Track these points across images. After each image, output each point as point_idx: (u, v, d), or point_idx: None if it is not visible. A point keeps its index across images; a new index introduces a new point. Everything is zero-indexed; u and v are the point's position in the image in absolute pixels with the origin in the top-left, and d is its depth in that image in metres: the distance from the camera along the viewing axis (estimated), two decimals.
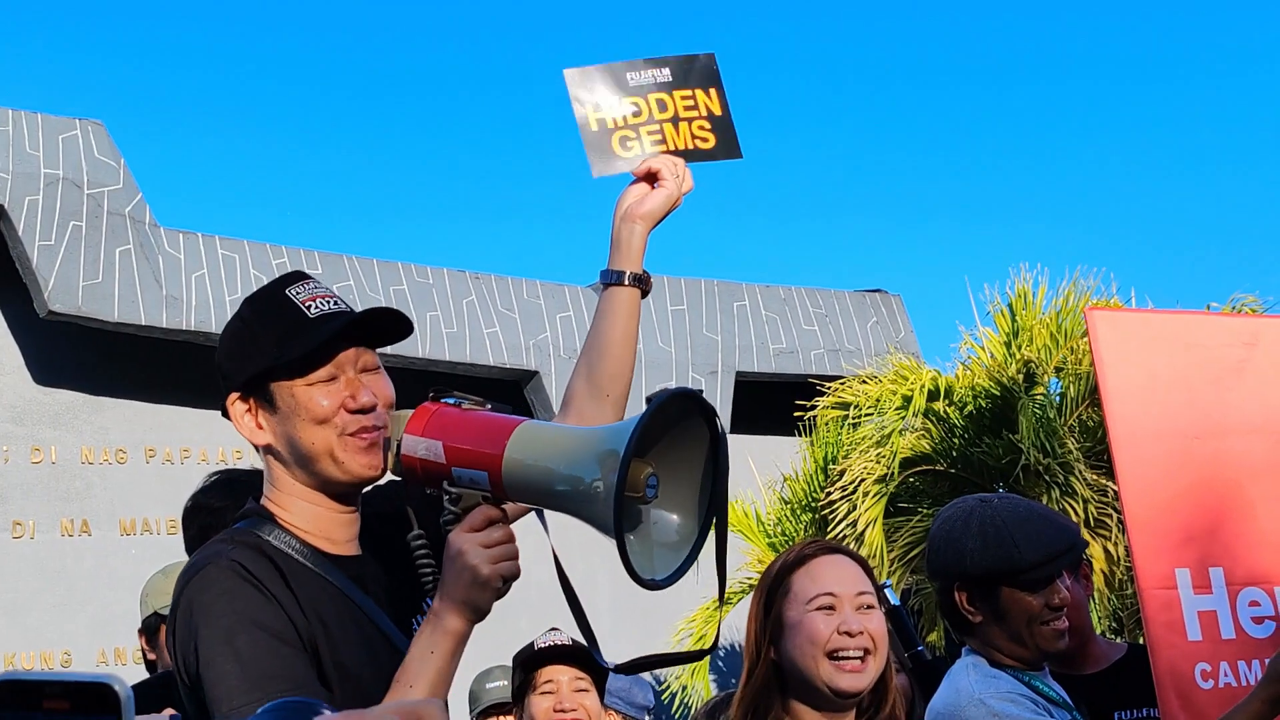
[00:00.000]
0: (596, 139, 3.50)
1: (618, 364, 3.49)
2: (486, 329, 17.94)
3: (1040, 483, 13.20)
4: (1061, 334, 14.12)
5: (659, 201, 3.41)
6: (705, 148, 3.56)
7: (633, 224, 3.40)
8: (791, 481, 15.40)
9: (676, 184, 3.44)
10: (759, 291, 20.42)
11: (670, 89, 3.54)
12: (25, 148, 15.43)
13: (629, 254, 3.39)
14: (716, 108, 3.56)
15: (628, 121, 3.51)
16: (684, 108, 3.54)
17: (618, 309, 3.40)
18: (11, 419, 16.13)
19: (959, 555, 4.13)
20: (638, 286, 3.41)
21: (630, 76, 3.53)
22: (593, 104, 3.51)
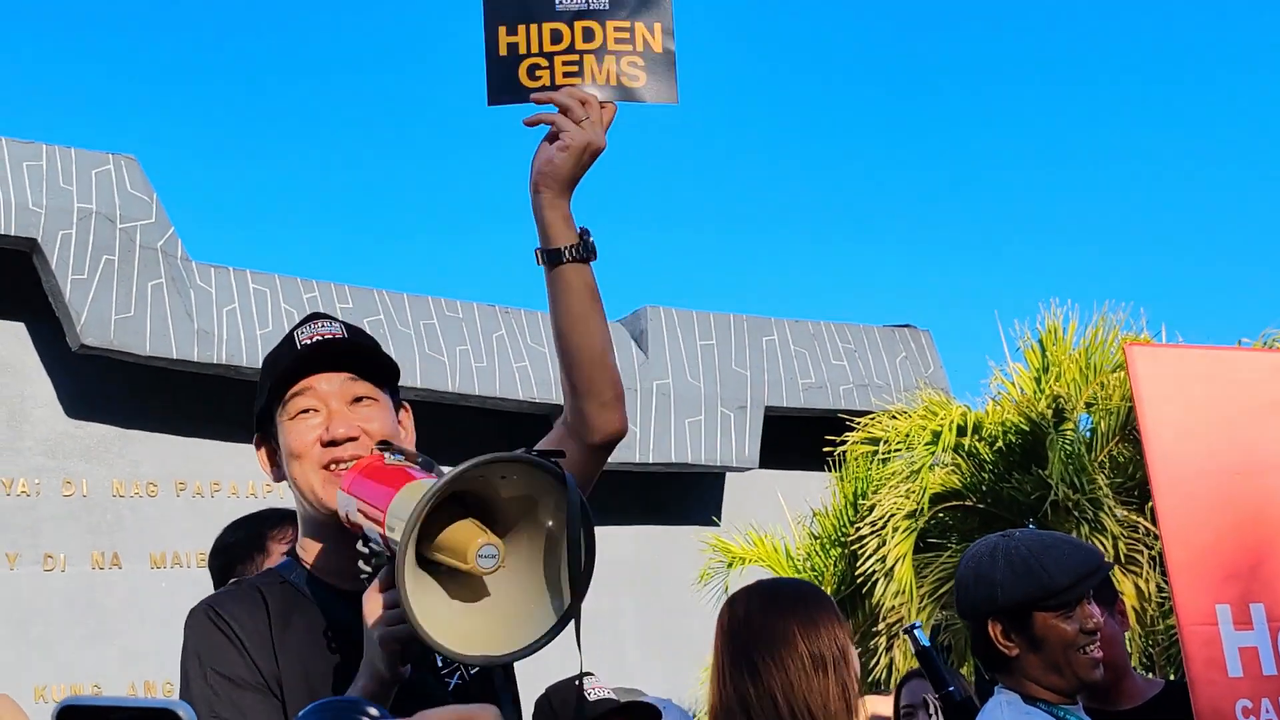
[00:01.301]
0: (501, 64, 3.05)
1: (583, 352, 2.94)
2: (516, 363, 17.96)
3: (1070, 518, 13.14)
4: (1091, 369, 14.07)
5: (563, 163, 2.92)
6: (633, 85, 3.02)
7: (540, 195, 2.97)
8: (821, 516, 15.36)
9: (583, 132, 2.92)
10: (788, 326, 20.42)
11: (604, 17, 3.04)
12: (59, 182, 15.52)
13: (550, 228, 2.96)
14: (657, 44, 3.03)
15: (543, 49, 3.04)
16: (615, 39, 3.03)
17: (563, 290, 2.95)
18: (44, 452, 16.18)
19: (989, 588, 4.13)
20: (577, 260, 2.97)
21: (560, 1, 3.06)
22: (507, 25, 3.06)
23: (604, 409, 2.95)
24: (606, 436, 2.97)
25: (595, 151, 2.94)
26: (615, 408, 2.98)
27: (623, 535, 19.57)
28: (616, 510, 19.40)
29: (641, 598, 19.43)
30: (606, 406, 2.95)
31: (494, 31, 3.06)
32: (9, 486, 15.92)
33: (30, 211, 15.30)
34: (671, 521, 19.87)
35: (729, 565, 15.53)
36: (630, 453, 18.55)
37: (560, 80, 3.01)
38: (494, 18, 3.07)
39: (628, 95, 3.02)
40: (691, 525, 19.33)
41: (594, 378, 2.93)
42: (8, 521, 15.80)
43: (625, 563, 19.49)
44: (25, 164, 15.46)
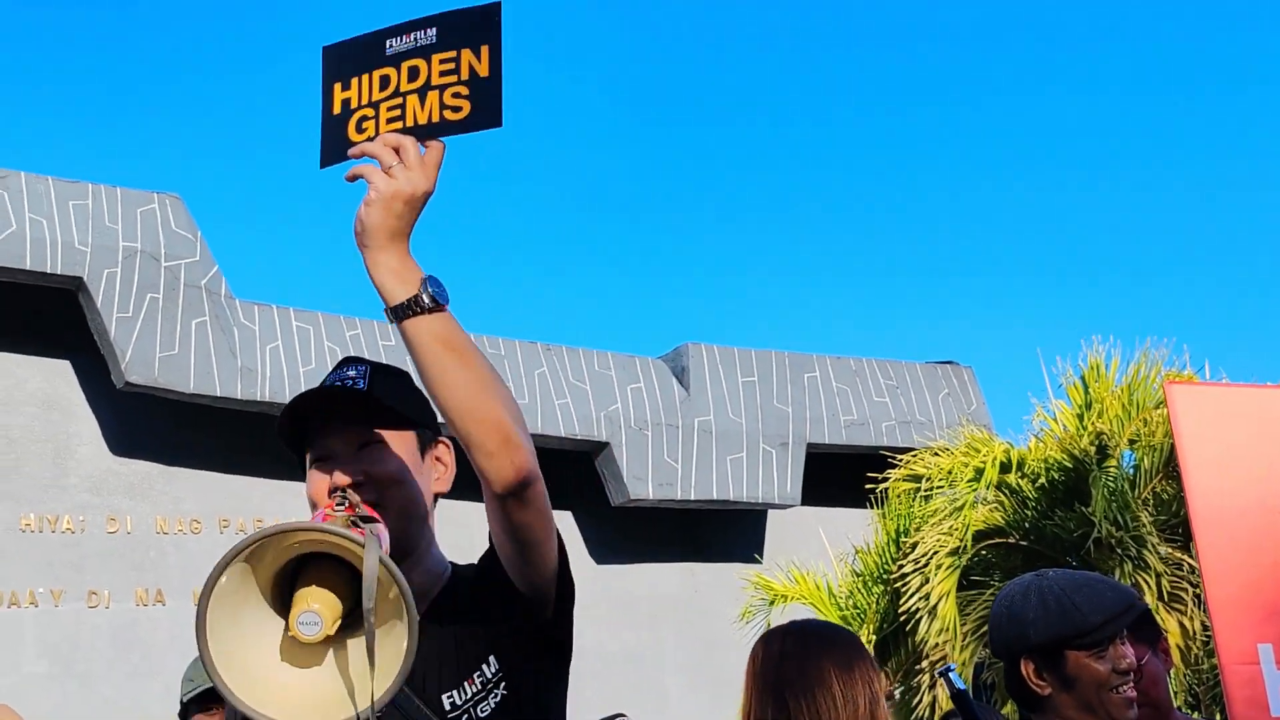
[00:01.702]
0: (334, 123, 2.90)
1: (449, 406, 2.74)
2: (558, 400, 18.00)
3: (1113, 556, 13.08)
4: (1134, 406, 14.02)
5: (370, 217, 2.70)
6: (455, 118, 2.82)
7: (363, 254, 2.75)
8: (863, 554, 15.32)
9: (390, 180, 2.72)
10: (830, 363, 20.41)
11: (430, 52, 2.86)
12: (104, 221, 15.65)
13: (381, 288, 2.73)
14: (483, 68, 2.82)
15: (373, 97, 2.88)
16: (440, 73, 2.84)
17: (413, 346, 2.74)
18: (89, 489, 16.28)
19: (1021, 627, 4.13)
20: (423, 312, 2.73)
21: (390, 43, 2.89)
22: (342, 81, 2.91)
23: (490, 459, 2.74)
24: (504, 486, 2.76)
25: (410, 198, 2.72)
26: (502, 456, 2.74)
27: (665, 572, 19.57)
28: (659, 546, 19.40)
29: (684, 634, 19.41)
30: (493, 456, 2.74)
31: (329, 90, 2.93)
32: (54, 523, 16.01)
33: (76, 250, 15.42)
34: (714, 558, 19.85)
35: (771, 602, 15.51)
36: (672, 490, 18.55)
37: (384, 128, 2.85)
38: (330, 77, 2.94)
39: (449, 129, 2.82)
40: (734, 562, 19.31)
41: (469, 430, 2.74)
42: (52, 558, 15.88)
43: (668, 599, 19.48)
44: (71, 203, 15.59)
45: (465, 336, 2.78)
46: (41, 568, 15.81)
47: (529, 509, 2.79)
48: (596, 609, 18.70)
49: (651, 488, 18.46)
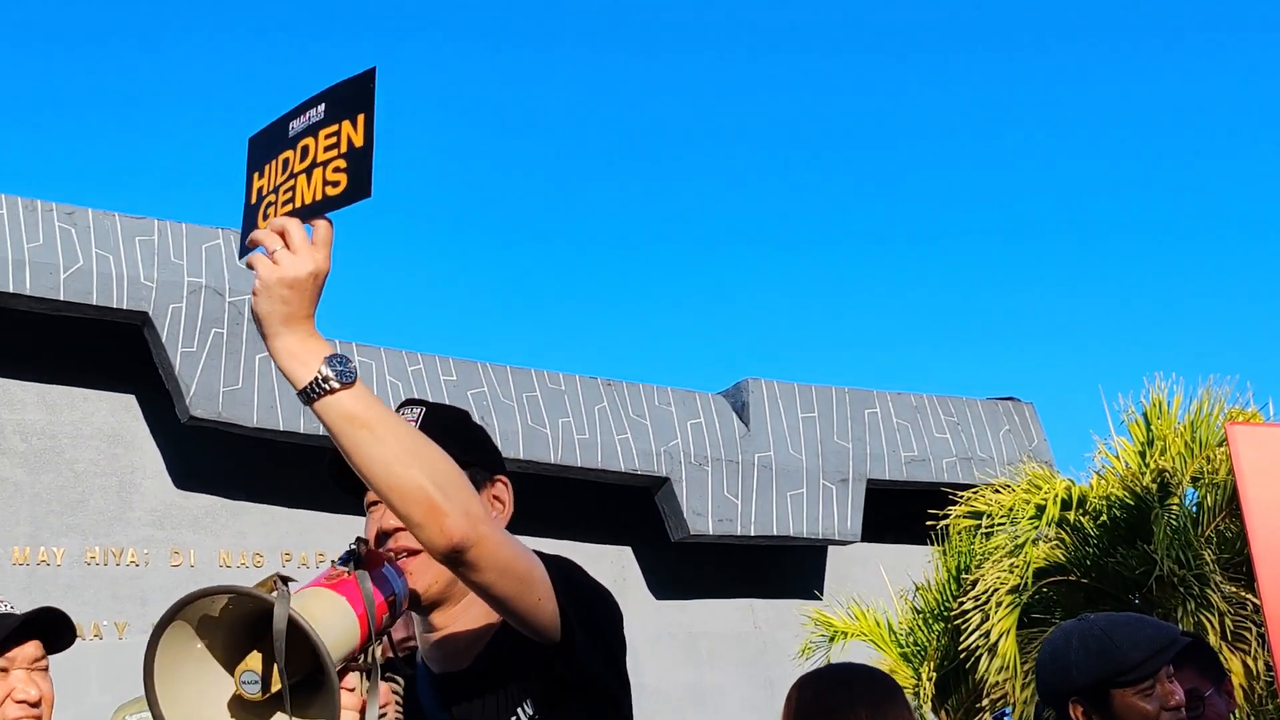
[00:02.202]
0: (251, 213, 2.87)
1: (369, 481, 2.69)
2: (618, 435, 18.02)
3: (1176, 594, 13.01)
4: (1197, 443, 13.94)
5: (259, 306, 2.67)
6: (335, 193, 2.73)
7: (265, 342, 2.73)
8: (924, 591, 15.28)
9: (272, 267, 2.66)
10: (890, 399, 20.37)
11: (319, 129, 2.79)
12: (170, 256, 15.79)
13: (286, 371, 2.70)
14: (359, 138, 2.73)
15: (275, 182, 2.83)
16: (325, 148, 2.77)
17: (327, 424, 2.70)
18: (153, 523, 16.40)
19: (1065, 670, 4.15)
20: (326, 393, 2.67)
21: (292, 125, 2.84)
22: (258, 170, 2.88)
23: (420, 529, 2.68)
24: (441, 554, 2.71)
25: (295, 281, 2.66)
26: (430, 525, 2.67)
27: (725, 608, 19.55)
28: (719, 582, 19.39)
29: (744, 670, 19.37)
30: (421, 527, 2.67)
31: (250, 180, 2.89)
32: (118, 556, 16.14)
33: (141, 285, 15.57)
34: (774, 594, 19.81)
35: (831, 639, 15.48)
36: (732, 525, 18.54)
37: (280, 212, 2.78)
38: (251, 167, 2.91)
39: (327, 205, 2.73)
40: (794, 598, 19.27)
41: (392, 503, 2.69)
42: (117, 591, 16.00)
43: (728, 635, 19.44)
44: (137, 238, 15.74)
45: (377, 410, 2.71)
46: (106, 600, 15.93)
47: (480, 571, 2.74)
48: (656, 644, 18.69)
49: (711, 523, 18.45)
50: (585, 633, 2.91)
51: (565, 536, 17.69)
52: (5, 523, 15.86)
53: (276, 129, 2.89)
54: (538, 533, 17.49)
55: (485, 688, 3.01)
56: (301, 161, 2.79)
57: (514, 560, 2.78)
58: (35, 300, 15.27)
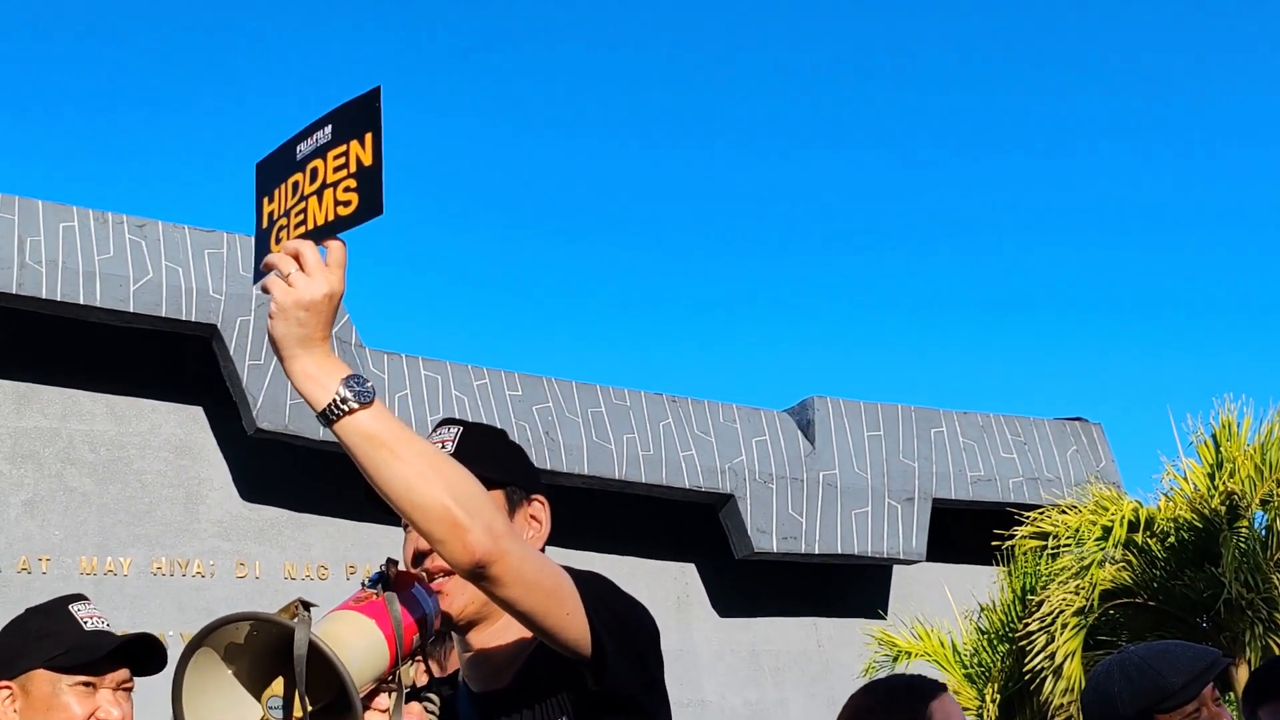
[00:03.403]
0: (264, 239, 2.87)
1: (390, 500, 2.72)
2: (683, 452, 18.00)
3: (1244, 618, 12.91)
4: (1267, 466, 13.83)
5: (275, 329, 2.69)
6: (346, 213, 2.74)
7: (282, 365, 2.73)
8: (989, 611, 15.20)
9: (287, 290, 2.66)
10: (957, 418, 20.28)
11: (326, 150, 2.81)
12: (239, 269, 15.89)
13: (305, 396, 2.72)
14: (367, 156, 2.75)
15: (286, 205, 2.85)
16: (334, 169, 2.78)
17: (344, 446, 2.74)
18: (219, 534, 16.49)
19: (1109, 702, 4.14)
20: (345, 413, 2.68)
21: (300, 148, 2.86)
22: (268, 196, 2.90)
23: (442, 546, 2.68)
24: (464, 570, 2.71)
25: (311, 303, 2.66)
26: (452, 541, 2.67)
27: (789, 626, 19.49)
28: (782, 600, 19.34)
29: (807, 689, 19.30)
30: (443, 544, 2.68)
31: (260, 206, 2.91)
32: (184, 567, 16.24)
33: (211, 298, 15.67)
34: (838, 613, 19.74)
35: (895, 659, 15.42)
36: (796, 543, 18.49)
37: (292, 235, 2.78)
38: (260, 192, 2.92)
39: (340, 225, 2.74)
40: (858, 617, 19.20)
41: (414, 521, 2.71)
42: (183, 602, 16.09)
43: (791, 654, 19.39)
44: (206, 251, 15.86)
45: (396, 429, 2.72)
46: (172, 611, 16.03)
47: (505, 586, 2.74)
48: (719, 662, 18.65)
49: (776, 541, 18.41)
50: (616, 646, 2.90)
51: (628, 553, 17.70)
52: (73, 532, 15.98)
53: (284, 153, 2.90)
54: (600, 549, 17.49)
55: (523, 705, 3.01)
56: (311, 183, 2.80)
57: (539, 575, 2.78)
58: (105, 312, 15.39)
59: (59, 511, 16.01)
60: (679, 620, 18.37)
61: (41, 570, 15.73)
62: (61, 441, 16.22)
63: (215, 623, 2.51)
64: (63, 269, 15.17)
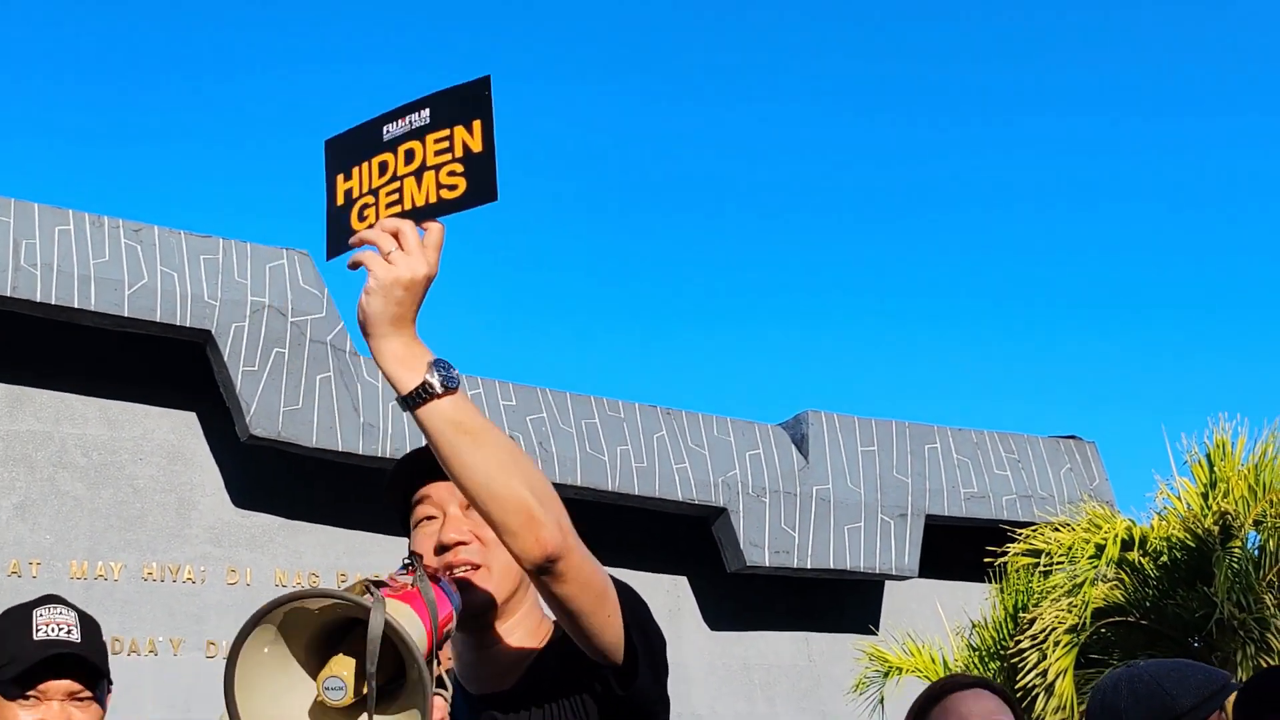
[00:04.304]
0: (339, 214, 2.88)
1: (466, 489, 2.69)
2: (676, 464, 17.99)
3: (1235, 638, 12.88)
4: (1260, 486, 13.81)
5: (371, 305, 2.68)
6: (452, 196, 2.78)
7: (368, 342, 2.74)
8: (980, 628, 15.17)
9: (388, 267, 2.68)
10: (951, 435, 20.27)
11: (425, 133, 2.83)
12: (234, 276, 15.87)
13: (390, 376, 2.69)
14: (476, 143, 2.78)
15: (372, 184, 2.86)
16: (435, 152, 2.81)
17: (425, 431, 2.70)
18: (210, 540, 16.46)
19: (1114, 718, 4.10)
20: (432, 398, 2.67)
21: (387, 129, 2.87)
22: (344, 173, 2.90)
23: (514, 538, 2.68)
24: (532, 564, 2.71)
25: (411, 283, 2.68)
26: (526, 534, 2.68)
27: (780, 640, 19.47)
28: (774, 614, 19.32)
29: (798, 703, 19.28)
30: (516, 535, 2.68)
31: (333, 183, 2.91)
32: (175, 573, 16.20)
33: (205, 304, 15.65)
34: (829, 628, 19.72)
35: (885, 674, 15.39)
36: (789, 557, 18.48)
37: (383, 213, 2.81)
38: (333, 170, 2.92)
39: (446, 208, 2.77)
40: (849, 632, 19.18)
41: (489, 510, 2.69)
42: (173, 608, 16.06)
43: (782, 668, 19.36)
44: (202, 257, 15.84)
45: (479, 417, 2.71)
46: (162, 617, 15.99)
47: (565, 583, 2.74)
48: (710, 675, 18.62)
49: (768, 555, 18.39)
50: (645, 655, 2.91)
51: (621, 564, 17.68)
52: (64, 537, 15.95)
53: (364, 132, 2.91)
54: None
55: (529, 708, 2.99)
56: (407, 164, 2.82)
57: (594, 575, 2.80)
58: (99, 316, 15.37)
59: (50, 515, 15.97)
60: (670, 633, 18.27)
61: (31, 574, 15.69)
62: (54, 445, 16.18)
63: (285, 598, 2.45)
64: (58, 272, 15.14)
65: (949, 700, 3.79)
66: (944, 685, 3.87)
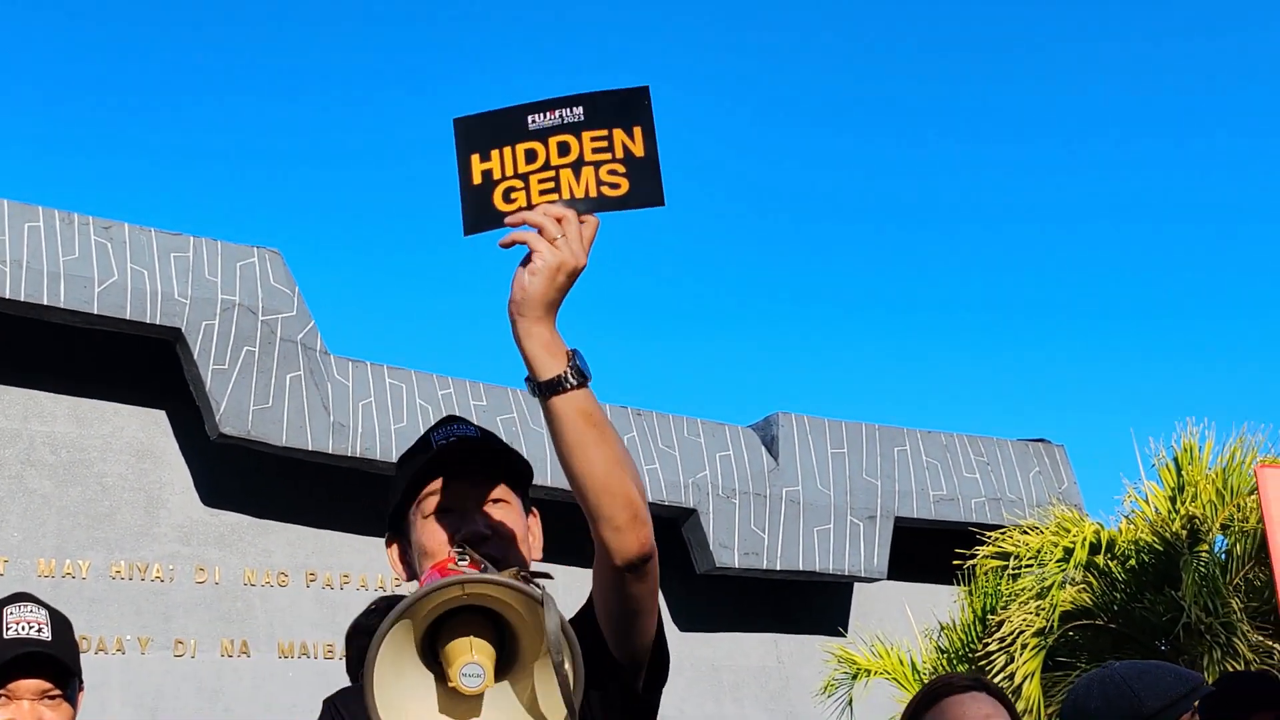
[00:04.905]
0: (476, 192, 2.92)
1: (585, 479, 2.74)
2: (646, 465, 17.99)
3: (1202, 642, 12.92)
4: (1228, 490, 13.87)
5: (535, 287, 2.72)
6: (615, 194, 2.86)
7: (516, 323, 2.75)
8: (949, 630, 15.20)
9: (555, 251, 2.74)
10: (920, 437, 20.30)
11: (579, 129, 2.91)
12: (204, 274, 15.83)
13: (532, 359, 2.73)
14: (638, 148, 2.88)
15: (518, 170, 2.91)
16: (593, 150, 2.89)
17: (555, 420, 2.75)
18: (178, 539, 16.41)
19: (1086, 718, 4.13)
20: (571, 388, 2.74)
21: (532, 119, 2.93)
22: (480, 153, 2.94)
23: (618, 533, 2.74)
24: (625, 560, 2.78)
25: (573, 270, 2.74)
26: (630, 531, 2.75)
27: (749, 641, 19.49)
28: (743, 616, 19.33)
29: (767, 706, 19.29)
30: (620, 531, 2.74)
31: (467, 161, 2.94)
32: (144, 571, 16.15)
33: (175, 301, 15.60)
34: (798, 630, 19.74)
35: (854, 676, 15.41)
36: (758, 559, 18.49)
37: (536, 199, 2.87)
38: (466, 148, 2.95)
39: (608, 204, 2.87)
40: (818, 634, 19.20)
41: (600, 504, 2.73)
42: (141, 606, 16.01)
43: (751, 669, 19.38)
44: (172, 255, 15.79)
45: (602, 412, 2.78)
46: (130, 615, 15.94)
47: (644, 582, 2.83)
48: (678, 676, 18.63)
49: (738, 556, 18.40)
50: (666, 659, 3.02)
51: (590, 565, 17.67)
52: (32, 534, 15.89)
53: (503, 118, 2.96)
54: (563, 560, 17.37)
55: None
56: (561, 156, 2.89)
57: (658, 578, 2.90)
58: (69, 313, 15.31)
59: (18, 513, 15.90)
60: None
61: None
62: (22, 443, 16.12)
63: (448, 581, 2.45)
64: (27, 269, 15.08)
65: (945, 704, 3.79)
66: (940, 687, 3.88)
